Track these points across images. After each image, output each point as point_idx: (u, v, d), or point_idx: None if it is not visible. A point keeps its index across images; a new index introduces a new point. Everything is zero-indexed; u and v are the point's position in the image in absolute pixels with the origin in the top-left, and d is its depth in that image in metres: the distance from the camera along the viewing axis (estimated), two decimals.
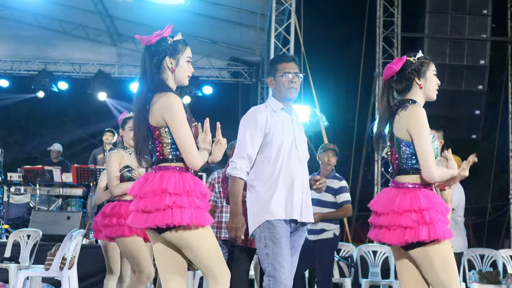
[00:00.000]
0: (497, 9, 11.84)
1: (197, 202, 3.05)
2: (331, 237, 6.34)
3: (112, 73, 13.56)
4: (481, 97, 11.31)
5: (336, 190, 6.42)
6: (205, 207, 3.11)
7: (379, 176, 11.97)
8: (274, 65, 3.93)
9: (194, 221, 3.01)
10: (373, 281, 7.40)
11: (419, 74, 3.28)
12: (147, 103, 3.10)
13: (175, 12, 11.25)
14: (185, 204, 3.00)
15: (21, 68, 13.50)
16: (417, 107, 3.22)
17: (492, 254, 7.46)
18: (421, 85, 3.28)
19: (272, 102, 3.92)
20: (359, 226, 12.96)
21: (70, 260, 5.40)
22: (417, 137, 3.14)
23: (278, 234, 3.64)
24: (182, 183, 3.03)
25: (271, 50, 10.34)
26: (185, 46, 3.21)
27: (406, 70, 3.28)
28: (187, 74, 3.22)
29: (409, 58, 3.30)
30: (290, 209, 3.72)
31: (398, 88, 3.30)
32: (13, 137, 17.21)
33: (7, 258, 7.07)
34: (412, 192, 3.13)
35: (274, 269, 3.58)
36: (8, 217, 9.17)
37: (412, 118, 3.17)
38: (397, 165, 3.24)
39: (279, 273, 3.58)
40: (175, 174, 3.06)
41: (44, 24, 13.09)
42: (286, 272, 3.61)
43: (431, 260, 3.09)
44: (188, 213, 3.00)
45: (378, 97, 12.08)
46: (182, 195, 3.01)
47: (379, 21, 12.10)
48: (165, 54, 3.16)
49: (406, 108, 3.21)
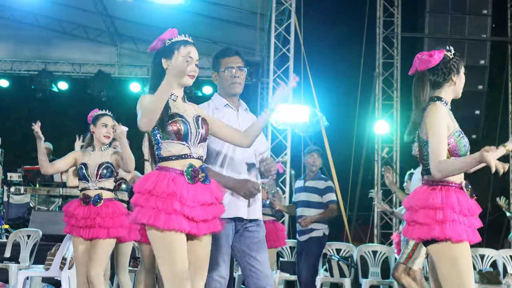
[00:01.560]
0: (497, 9, 11.85)
1: (157, 203, 2.99)
2: (321, 236, 6.52)
3: (112, 73, 13.56)
4: (481, 97, 11.32)
5: (322, 190, 6.57)
6: (167, 209, 2.98)
7: (379, 176, 11.97)
8: (217, 59, 3.76)
9: (151, 223, 2.98)
10: (373, 281, 7.40)
11: (456, 70, 3.26)
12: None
13: (175, 12, 11.25)
14: (142, 204, 3.02)
15: (21, 68, 13.50)
16: (437, 104, 3.18)
17: (492, 254, 7.46)
18: (456, 82, 3.26)
19: (216, 99, 3.77)
20: (359, 226, 12.96)
21: (70, 260, 5.40)
22: (430, 133, 3.12)
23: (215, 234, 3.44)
24: (150, 182, 3.03)
25: (271, 50, 10.35)
26: (183, 45, 3.18)
27: (446, 64, 3.24)
28: (187, 73, 3.17)
29: (447, 53, 3.27)
30: (234, 207, 3.59)
31: (435, 80, 3.25)
32: (13, 137, 17.19)
33: (7, 258, 7.07)
34: (431, 189, 3.12)
35: (211, 268, 3.46)
36: (8, 217, 9.17)
37: (429, 116, 3.15)
38: (423, 164, 3.23)
39: (216, 272, 3.53)
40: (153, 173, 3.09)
41: (44, 24, 13.10)
42: (223, 270, 3.56)
43: (443, 259, 3.09)
44: (144, 213, 3.01)
45: (378, 97, 12.09)
46: (144, 194, 3.02)
47: (379, 21, 12.11)
48: (161, 56, 3.17)
49: (428, 106, 3.20)
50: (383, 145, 12.12)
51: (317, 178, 6.65)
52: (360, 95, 12.15)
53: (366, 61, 12.03)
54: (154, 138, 3.13)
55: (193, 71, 3.18)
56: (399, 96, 12.17)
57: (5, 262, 6.95)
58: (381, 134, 12.02)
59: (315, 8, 12.89)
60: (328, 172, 9.81)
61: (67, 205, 4.97)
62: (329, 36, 15.99)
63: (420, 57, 3.28)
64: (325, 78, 13.60)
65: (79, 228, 4.77)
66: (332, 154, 10.44)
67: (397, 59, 12.18)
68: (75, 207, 4.84)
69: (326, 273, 7.53)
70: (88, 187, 4.85)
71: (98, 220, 4.74)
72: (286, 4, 10.36)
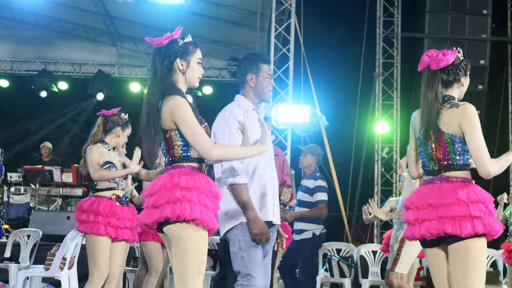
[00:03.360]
0: (497, 9, 11.85)
1: (206, 201, 3.02)
2: (311, 237, 6.46)
3: (112, 73, 13.56)
4: (481, 97, 11.32)
5: (312, 189, 6.52)
6: (212, 208, 3.07)
7: (379, 176, 11.98)
8: (258, 63, 3.79)
9: (202, 218, 2.97)
10: (373, 281, 7.40)
11: (465, 72, 3.31)
12: (158, 105, 3.09)
13: (175, 12, 11.25)
14: (195, 199, 2.98)
15: (21, 68, 13.50)
16: (468, 105, 3.21)
17: (492, 254, 7.45)
18: (464, 83, 3.31)
19: (242, 101, 3.80)
20: (359, 226, 12.96)
21: (70, 260, 5.39)
22: (471, 133, 3.12)
23: (252, 237, 3.57)
24: (193, 179, 3.02)
25: (271, 50, 10.35)
26: (195, 47, 3.21)
27: (458, 64, 3.28)
28: (198, 75, 3.22)
29: (458, 54, 3.30)
30: (264, 210, 3.66)
31: (447, 79, 3.27)
32: (13, 137, 17.19)
33: (7, 258, 7.07)
34: (463, 185, 3.13)
35: (249, 271, 3.53)
36: (8, 217, 9.17)
37: (467, 115, 3.15)
38: (446, 160, 3.20)
39: (254, 277, 3.54)
40: (186, 172, 3.06)
41: (44, 24, 13.10)
42: (261, 275, 3.59)
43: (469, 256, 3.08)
44: (197, 208, 2.98)
45: (378, 97, 12.10)
46: (193, 190, 2.99)
47: (379, 21, 12.11)
48: (176, 56, 3.14)
49: (458, 106, 3.20)
50: (383, 145, 12.12)
51: (310, 177, 6.60)
52: (360, 95, 12.16)
53: (366, 61, 12.04)
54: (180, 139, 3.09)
55: (201, 74, 3.25)
56: (399, 96, 12.17)
57: (5, 262, 6.95)
58: (381, 134, 12.03)
59: (315, 8, 12.88)
60: (328, 172, 9.82)
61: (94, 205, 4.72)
62: (329, 36, 15.98)
63: (432, 55, 3.28)
64: (325, 78, 13.59)
65: (120, 229, 4.69)
66: (332, 154, 10.45)
67: (397, 59, 12.18)
68: (111, 206, 4.69)
69: (326, 273, 7.53)
70: (116, 187, 4.79)
71: (134, 221, 4.72)
72: (286, 4, 10.36)
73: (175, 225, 3.00)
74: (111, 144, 4.86)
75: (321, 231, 6.54)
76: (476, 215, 3.05)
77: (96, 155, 4.70)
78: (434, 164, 3.23)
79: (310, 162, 6.65)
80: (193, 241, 3.00)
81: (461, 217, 3.05)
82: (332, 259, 7.50)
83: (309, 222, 6.46)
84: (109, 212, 4.67)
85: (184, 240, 3.00)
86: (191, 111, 3.06)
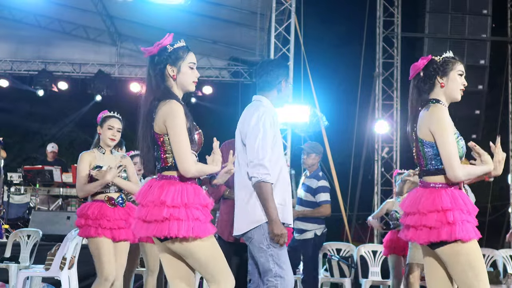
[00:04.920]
0: (497, 9, 11.86)
1: (196, 214, 3.05)
2: (312, 237, 6.43)
3: (112, 73, 13.55)
4: (481, 97, 11.32)
5: (314, 190, 6.49)
6: (204, 219, 3.09)
7: (379, 176, 11.98)
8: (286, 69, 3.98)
9: (191, 233, 3.01)
10: (373, 281, 7.40)
11: (441, 72, 3.25)
12: (153, 111, 3.11)
13: (175, 12, 11.24)
14: (182, 217, 3.01)
15: (21, 68, 13.49)
16: (439, 106, 3.19)
17: (492, 254, 7.45)
18: (443, 84, 3.24)
19: (271, 107, 3.98)
20: (359, 226, 12.97)
21: (70, 260, 5.39)
22: (439, 137, 3.11)
23: None
24: (181, 195, 3.04)
25: (271, 50, 10.35)
26: (186, 52, 3.19)
27: (428, 67, 3.26)
28: (191, 80, 3.20)
29: (434, 57, 3.29)
30: (286, 212, 3.73)
31: (423, 87, 3.27)
32: (13, 137, 17.21)
33: (7, 258, 7.07)
34: (437, 192, 3.11)
35: (281, 269, 3.60)
36: (8, 217, 9.17)
37: (433, 118, 3.14)
38: (422, 165, 3.22)
39: (285, 273, 3.61)
40: (175, 185, 3.07)
41: (44, 24, 13.10)
42: (290, 271, 3.67)
43: (457, 259, 3.06)
44: (185, 226, 3.00)
45: (378, 97, 12.10)
46: (180, 207, 3.02)
47: (379, 21, 12.11)
48: (166, 63, 3.15)
49: (428, 108, 3.19)
50: (383, 145, 12.12)
51: (312, 176, 6.54)
52: (360, 95, 12.16)
53: (366, 61, 12.05)
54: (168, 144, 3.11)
55: (197, 77, 3.24)
56: (399, 96, 12.17)
57: (5, 262, 6.95)
58: (381, 134, 12.03)
59: (315, 8, 12.90)
60: (328, 172, 9.81)
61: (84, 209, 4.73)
62: (329, 36, 16.01)
63: (412, 65, 3.32)
64: (325, 78, 13.61)
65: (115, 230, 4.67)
66: (332, 154, 10.45)
67: (397, 59, 12.18)
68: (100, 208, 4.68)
69: (326, 273, 7.53)
70: (109, 190, 4.75)
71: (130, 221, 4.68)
72: (286, 4, 10.36)
73: (171, 240, 3.06)
74: (102, 145, 4.86)
75: (322, 231, 6.51)
76: (450, 221, 3.03)
77: (84, 166, 4.69)
78: (419, 168, 3.28)
79: (315, 161, 6.61)
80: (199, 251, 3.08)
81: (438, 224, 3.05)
82: (332, 259, 7.50)
83: (311, 222, 6.43)
84: (98, 214, 4.64)
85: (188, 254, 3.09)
86: (183, 119, 3.07)
